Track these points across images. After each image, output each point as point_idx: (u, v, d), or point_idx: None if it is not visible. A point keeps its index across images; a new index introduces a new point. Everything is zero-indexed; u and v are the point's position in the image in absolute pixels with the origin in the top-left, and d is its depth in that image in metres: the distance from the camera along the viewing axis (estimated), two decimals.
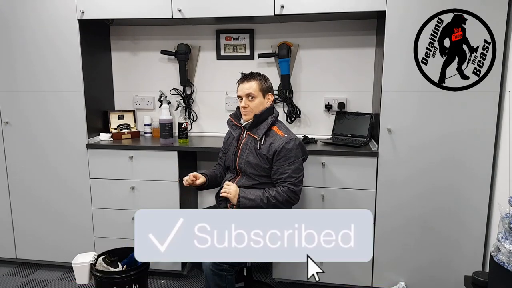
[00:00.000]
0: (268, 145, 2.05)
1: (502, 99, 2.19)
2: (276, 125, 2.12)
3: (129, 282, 2.20)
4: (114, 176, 2.63)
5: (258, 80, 2.10)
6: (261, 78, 2.12)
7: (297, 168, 2.04)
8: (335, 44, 2.70)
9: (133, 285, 2.21)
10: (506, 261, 1.57)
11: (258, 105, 2.09)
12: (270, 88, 2.15)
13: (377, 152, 2.33)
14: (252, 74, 2.13)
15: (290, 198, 2.02)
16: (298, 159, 2.05)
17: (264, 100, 2.11)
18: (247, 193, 2.03)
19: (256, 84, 2.09)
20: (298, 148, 2.06)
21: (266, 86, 2.13)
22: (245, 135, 2.16)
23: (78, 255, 2.35)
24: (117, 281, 2.19)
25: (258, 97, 2.09)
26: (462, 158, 2.25)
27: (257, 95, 2.09)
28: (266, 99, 2.12)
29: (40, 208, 2.76)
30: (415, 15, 2.17)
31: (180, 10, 2.42)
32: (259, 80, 2.10)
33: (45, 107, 2.63)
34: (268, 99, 2.13)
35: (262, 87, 2.10)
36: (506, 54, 2.14)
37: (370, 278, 2.47)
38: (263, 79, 2.12)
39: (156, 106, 2.99)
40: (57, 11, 2.51)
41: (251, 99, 2.09)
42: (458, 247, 2.34)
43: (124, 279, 2.19)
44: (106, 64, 2.91)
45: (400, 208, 2.36)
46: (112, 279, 2.20)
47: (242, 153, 2.12)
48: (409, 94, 2.25)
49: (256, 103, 2.09)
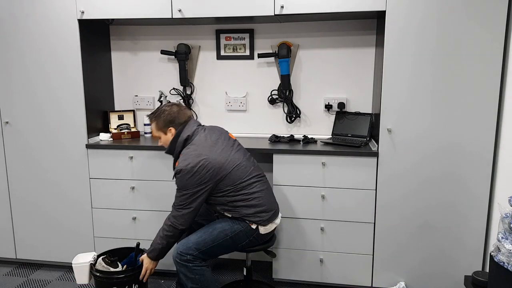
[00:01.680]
0: None
1: (502, 99, 2.19)
2: (182, 153, 2.11)
3: (129, 282, 2.20)
4: (114, 176, 2.63)
5: (153, 121, 2.18)
6: (156, 118, 2.17)
7: (180, 197, 2.04)
8: (335, 44, 2.71)
9: (133, 285, 2.20)
10: (506, 261, 1.57)
11: (166, 141, 2.18)
12: (169, 122, 2.15)
13: (377, 152, 2.33)
14: (150, 117, 2.20)
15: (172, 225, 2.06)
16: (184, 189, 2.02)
17: (167, 136, 2.17)
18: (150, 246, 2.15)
19: (153, 126, 2.18)
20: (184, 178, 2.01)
21: (163, 123, 2.15)
22: None
23: (78, 255, 2.35)
24: (117, 281, 2.19)
25: (161, 136, 2.18)
26: (462, 158, 2.25)
27: (159, 135, 2.18)
28: (169, 133, 2.16)
29: (40, 208, 2.76)
30: (415, 15, 2.17)
31: (180, 10, 2.43)
32: (154, 121, 2.17)
33: (44, 107, 2.63)
34: (170, 131, 2.16)
35: (159, 126, 2.16)
36: (506, 54, 2.14)
37: (370, 278, 2.47)
38: (158, 118, 2.16)
39: (156, 106, 2.99)
40: (57, 11, 2.51)
41: (160, 139, 2.20)
42: (458, 247, 2.34)
43: (124, 279, 2.19)
44: (106, 64, 2.91)
45: (400, 208, 2.36)
46: (112, 279, 2.20)
47: None
48: (409, 94, 2.25)
49: (163, 141, 2.19)
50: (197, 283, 2.03)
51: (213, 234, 2.06)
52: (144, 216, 2.64)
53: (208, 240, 2.05)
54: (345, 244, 2.46)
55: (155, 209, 2.61)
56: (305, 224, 2.48)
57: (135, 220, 2.65)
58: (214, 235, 2.06)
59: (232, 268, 2.86)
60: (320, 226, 2.46)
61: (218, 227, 2.08)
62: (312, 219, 2.47)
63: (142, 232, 2.66)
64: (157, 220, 2.62)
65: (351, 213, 2.41)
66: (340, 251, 2.47)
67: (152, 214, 2.63)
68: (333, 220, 2.44)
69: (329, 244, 2.47)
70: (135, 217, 2.65)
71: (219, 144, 2.11)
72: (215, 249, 2.06)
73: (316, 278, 2.53)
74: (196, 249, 2.02)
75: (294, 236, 2.50)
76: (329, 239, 2.47)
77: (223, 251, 2.11)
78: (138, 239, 2.67)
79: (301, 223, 2.48)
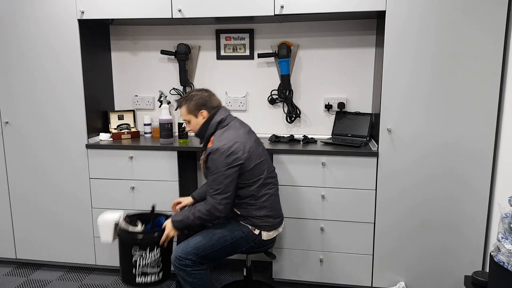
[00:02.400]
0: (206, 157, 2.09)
1: (502, 99, 2.19)
2: (216, 133, 2.11)
3: (152, 243, 2.13)
4: (114, 176, 2.63)
5: (184, 104, 2.15)
6: (187, 101, 2.14)
7: (215, 180, 2.00)
8: (335, 44, 2.71)
9: (155, 247, 2.14)
10: (506, 261, 1.57)
11: (195, 125, 2.15)
12: (201, 105, 2.13)
13: (377, 152, 2.33)
14: (180, 100, 2.17)
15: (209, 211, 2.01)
16: (218, 170, 1.99)
17: (198, 119, 2.14)
18: (177, 215, 2.09)
19: (184, 109, 2.15)
20: (218, 159, 2.00)
21: (195, 106, 2.13)
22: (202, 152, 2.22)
23: (104, 212, 2.30)
24: (140, 241, 2.12)
25: (191, 120, 2.15)
26: (462, 158, 2.25)
27: (190, 118, 2.15)
28: (200, 116, 2.14)
29: (40, 208, 2.76)
30: (415, 15, 2.17)
31: (180, 10, 2.43)
32: (185, 104, 2.14)
33: (44, 107, 2.63)
34: (201, 114, 2.13)
35: (190, 109, 2.14)
36: (506, 54, 2.14)
37: (370, 278, 2.47)
38: (190, 101, 2.14)
39: (156, 106, 2.99)
40: (57, 11, 2.51)
41: (188, 123, 2.17)
42: (458, 247, 2.34)
43: (148, 240, 2.12)
44: (106, 64, 2.91)
45: (400, 208, 2.36)
46: (135, 239, 2.12)
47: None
48: (409, 94, 2.25)
49: (193, 124, 2.16)
50: (196, 286, 2.03)
51: (213, 240, 2.05)
52: None
53: (207, 246, 2.04)
54: (345, 244, 2.46)
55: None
56: (305, 224, 2.48)
57: None
58: (213, 241, 2.05)
59: (232, 268, 2.86)
60: (320, 226, 2.46)
61: (217, 233, 2.07)
62: (312, 219, 2.47)
63: None
64: None
65: (351, 213, 2.41)
66: (340, 251, 2.47)
67: None
68: (333, 220, 2.44)
69: (329, 244, 2.47)
70: None
71: (251, 135, 2.15)
72: (214, 254, 2.06)
73: (316, 278, 2.53)
74: (195, 254, 2.02)
75: (294, 236, 2.50)
76: (329, 239, 2.47)
77: (222, 256, 2.10)
78: None
79: (301, 223, 2.48)
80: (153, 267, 2.16)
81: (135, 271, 2.15)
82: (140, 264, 2.14)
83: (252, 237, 2.08)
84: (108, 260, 2.75)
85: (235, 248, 2.09)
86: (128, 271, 2.16)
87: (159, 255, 2.16)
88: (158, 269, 2.17)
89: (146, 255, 2.13)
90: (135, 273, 2.15)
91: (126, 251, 2.15)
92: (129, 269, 2.16)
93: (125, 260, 2.17)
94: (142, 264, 2.14)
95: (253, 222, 2.07)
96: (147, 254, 2.13)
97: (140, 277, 2.16)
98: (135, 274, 2.16)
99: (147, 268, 2.15)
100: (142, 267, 2.14)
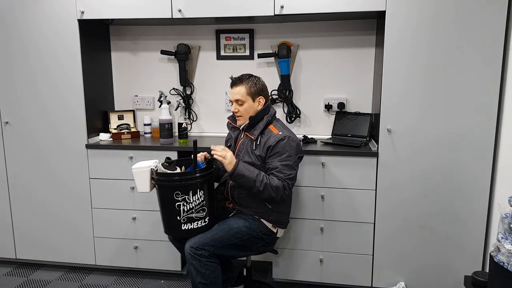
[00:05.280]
0: (263, 145, 2.06)
1: (502, 99, 2.19)
2: (273, 123, 2.12)
3: (194, 185, 1.95)
4: (114, 176, 2.63)
5: (246, 84, 2.07)
6: (249, 82, 2.08)
7: (288, 165, 2.00)
8: (335, 44, 2.70)
9: (197, 190, 1.97)
10: (506, 261, 1.57)
11: (248, 109, 2.09)
12: (261, 91, 2.10)
13: (377, 152, 2.33)
14: (241, 78, 2.10)
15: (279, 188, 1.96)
16: (291, 157, 2.01)
17: (254, 104, 2.09)
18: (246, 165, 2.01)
19: (243, 88, 2.07)
20: (292, 146, 2.02)
21: (256, 89, 2.09)
22: (242, 135, 2.17)
23: (139, 162, 2.09)
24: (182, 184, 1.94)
25: (247, 102, 2.08)
26: (462, 158, 2.25)
27: (246, 100, 2.08)
28: (257, 102, 2.10)
29: (40, 208, 2.76)
30: (415, 15, 2.17)
31: (180, 10, 2.43)
32: (247, 84, 2.07)
33: (44, 107, 2.63)
34: (259, 102, 2.10)
35: (251, 91, 2.07)
36: (506, 53, 2.14)
37: (370, 278, 2.47)
38: (252, 82, 2.08)
39: (156, 106, 2.99)
40: (57, 12, 2.51)
41: (240, 104, 2.09)
42: (458, 247, 2.34)
43: (189, 182, 1.94)
44: (106, 64, 2.91)
45: (400, 208, 2.36)
46: (176, 181, 1.94)
47: (238, 154, 2.13)
48: (409, 94, 2.25)
49: (245, 107, 2.08)
50: (207, 278, 2.00)
51: (230, 233, 2.02)
52: (144, 216, 2.64)
53: (225, 238, 2.00)
54: (345, 244, 2.46)
55: (155, 209, 2.61)
56: (305, 224, 2.48)
57: (135, 220, 2.65)
58: (230, 235, 2.02)
59: None
60: (320, 226, 2.46)
61: (234, 228, 2.04)
62: (312, 219, 2.47)
63: (142, 232, 2.66)
64: (157, 220, 2.61)
65: (351, 213, 2.41)
66: (340, 251, 2.47)
67: (152, 214, 2.62)
68: (333, 220, 2.44)
69: (329, 244, 2.47)
70: (135, 217, 2.65)
71: None
72: (228, 248, 2.03)
73: (316, 278, 2.53)
74: (212, 246, 1.98)
75: (294, 236, 2.50)
76: (329, 239, 2.47)
77: (236, 253, 2.08)
78: (138, 239, 2.67)
79: (301, 223, 2.48)
80: (198, 212, 1.99)
81: (179, 218, 1.97)
82: (185, 209, 1.96)
83: (268, 233, 2.11)
84: (108, 260, 2.75)
85: (250, 245, 2.08)
86: (172, 219, 1.99)
87: (203, 198, 1.99)
88: (204, 213, 2.00)
89: (190, 199, 1.96)
90: (180, 219, 1.98)
91: (167, 197, 1.97)
92: (173, 216, 1.98)
93: (167, 208, 1.99)
94: (187, 209, 1.97)
95: (276, 217, 2.10)
96: (191, 198, 1.96)
97: (186, 224, 1.99)
98: (180, 221, 1.98)
99: (192, 213, 1.98)
100: (187, 212, 1.97)
